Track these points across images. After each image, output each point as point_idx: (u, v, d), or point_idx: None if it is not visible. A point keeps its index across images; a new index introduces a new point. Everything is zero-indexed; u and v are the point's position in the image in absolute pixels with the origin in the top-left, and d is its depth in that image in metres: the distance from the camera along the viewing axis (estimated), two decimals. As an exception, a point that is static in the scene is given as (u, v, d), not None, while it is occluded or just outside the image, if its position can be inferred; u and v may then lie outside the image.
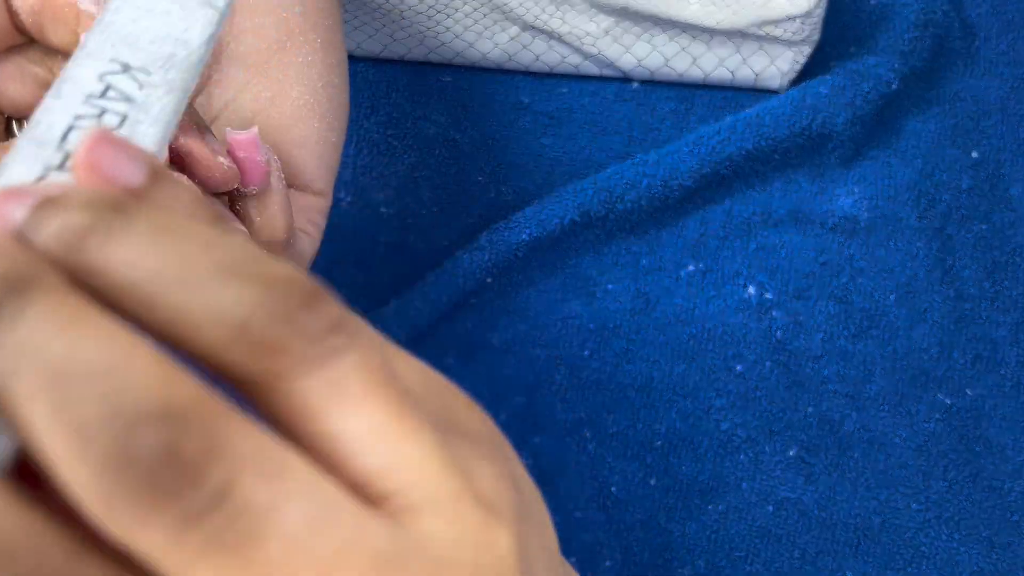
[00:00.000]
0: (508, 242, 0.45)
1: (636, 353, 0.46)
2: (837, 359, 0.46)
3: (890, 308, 0.46)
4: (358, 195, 0.48)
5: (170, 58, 0.22)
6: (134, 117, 0.21)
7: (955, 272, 0.47)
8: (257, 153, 0.31)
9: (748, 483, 0.44)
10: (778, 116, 0.47)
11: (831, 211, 0.48)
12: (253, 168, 0.31)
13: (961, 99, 0.50)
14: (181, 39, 0.23)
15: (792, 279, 0.47)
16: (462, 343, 0.46)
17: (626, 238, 0.47)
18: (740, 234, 0.47)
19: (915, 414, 0.45)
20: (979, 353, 0.46)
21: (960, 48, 0.51)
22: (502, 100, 0.50)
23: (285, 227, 0.32)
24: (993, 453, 0.45)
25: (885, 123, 0.49)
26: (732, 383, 0.45)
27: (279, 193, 0.31)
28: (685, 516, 0.44)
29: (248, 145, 0.30)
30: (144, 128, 0.21)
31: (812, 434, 0.45)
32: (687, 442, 0.45)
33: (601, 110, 0.50)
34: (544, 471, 0.44)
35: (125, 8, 0.23)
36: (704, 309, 0.46)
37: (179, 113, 0.22)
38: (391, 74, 0.50)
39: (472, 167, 0.49)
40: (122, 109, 0.21)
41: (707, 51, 0.48)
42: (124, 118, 0.21)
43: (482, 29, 0.48)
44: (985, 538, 0.43)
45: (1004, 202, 0.48)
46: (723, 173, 0.47)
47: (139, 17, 0.23)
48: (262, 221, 0.32)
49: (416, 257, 0.47)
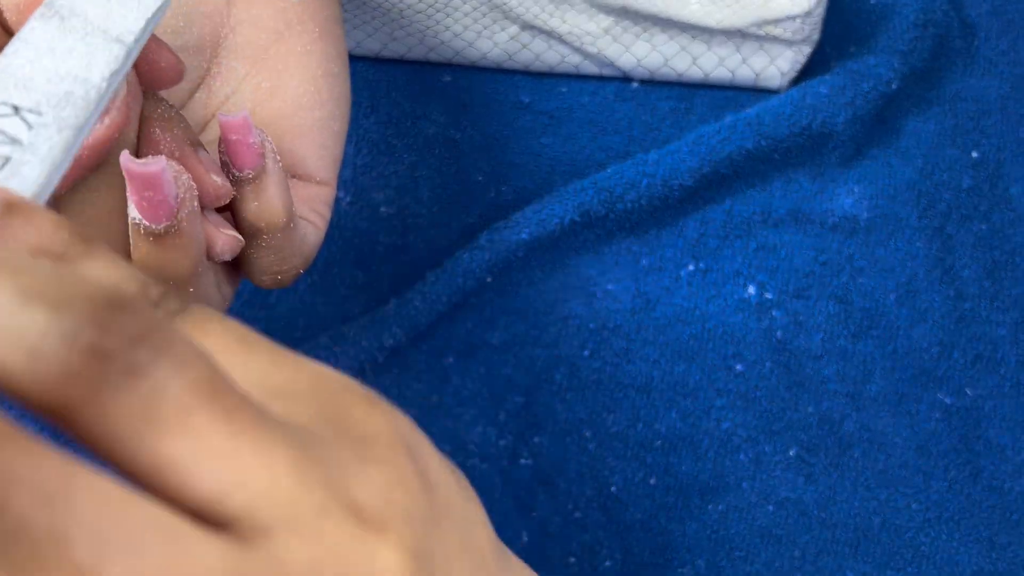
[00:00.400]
0: (508, 242, 0.45)
1: (636, 353, 0.46)
2: (837, 359, 0.46)
3: (890, 308, 0.46)
4: (358, 195, 0.48)
5: (66, 96, 0.23)
6: (18, 159, 0.21)
7: (955, 272, 0.47)
8: (249, 135, 0.30)
9: (748, 483, 0.44)
10: (778, 116, 0.47)
11: (831, 210, 0.48)
12: (246, 151, 0.30)
13: (961, 99, 0.50)
14: (80, 77, 0.23)
15: (792, 279, 0.47)
16: (462, 343, 0.46)
17: (626, 238, 0.47)
18: (740, 234, 0.47)
19: (915, 414, 0.45)
20: (979, 353, 0.46)
21: (960, 48, 0.51)
22: (502, 99, 0.50)
23: (284, 210, 0.32)
24: (993, 453, 0.45)
25: (885, 123, 0.49)
26: (732, 383, 0.45)
27: (275, 175, 0.31)
28: (685, 516, 0.44)
29: (239, 128, 0.30)
30: (28, 169, 0.21)
31: (812, 434, 0.45)
32: (687, 442, 0.45)
33: (601, 109, 0.50)
34: (544, 471, 0.44)
35: (23, 49, 0.23)
36: (704, 309, 0.46)
37: (73, 149, 0.22)
38: (391, 73, 0.50)
39: (472, 166, 0.49)
40: (6, 152, 0.21)
41: (707, 51, 0.48)
42: (7, 160, 0.21)
43: (482, 28, 0.48)
44: (985, 538, 0.43)
45: (1004, 202, 0.48)
46: (723, 172, 0.47)
47: (38, 57, 0.23)
48: (259, 205, 0.31)
49: (416, 257, 0.47)
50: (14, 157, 0.21)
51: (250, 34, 0.34)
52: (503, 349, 0.46)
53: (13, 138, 0.21)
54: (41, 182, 0.21)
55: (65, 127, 0.22)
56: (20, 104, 0.22)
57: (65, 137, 0.22)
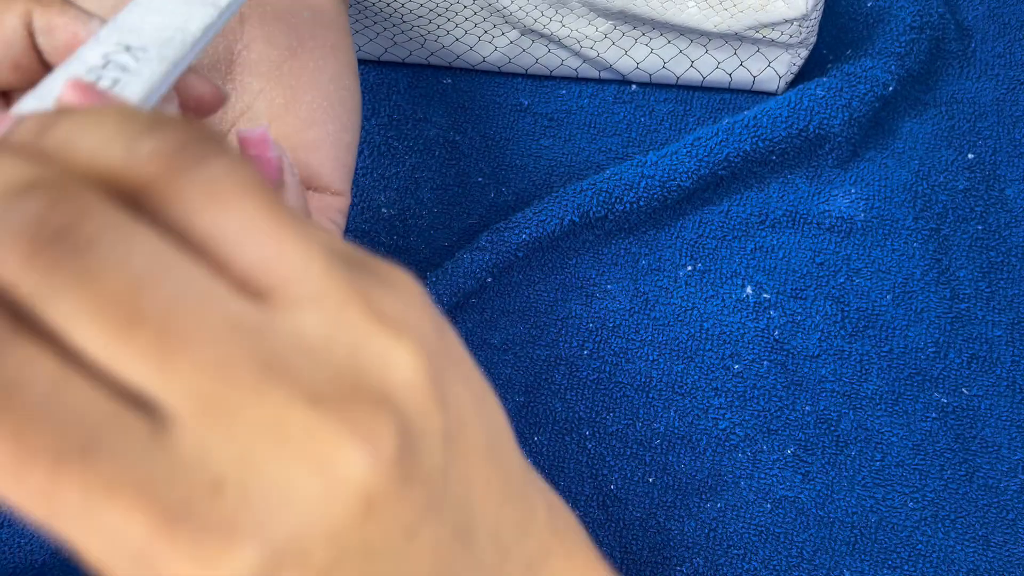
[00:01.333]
0: (508, 242, 0.46)
1: (635, 352, 0.46)
2: (834, 358, 0.46)
3: (886, 308, 0.47)
4: (360, 196, 0.48)
5: (169, 40, 0.27)
6: (125, 80, 0.26)
7: (951, 272, 0.47)
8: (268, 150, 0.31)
9: (746, 481, 0.44)
10: (775, 118, 0.47)
11: (828, 212, 0.48)
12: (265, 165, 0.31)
13: (957, 101, 0.50)
14: (181, 27, 0.28)
15: (789, 279, 0.47)
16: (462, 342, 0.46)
17: (625, 239, 0.47)
18: (738, 235, 0.48)
19: (911, 413, 0.45)
20: (975, 353, 0.46)
21: (956, 51, 0.51)
22: (502, 102, 0.50)
23: None
24: (989, 452, 0.45)
25: (881, 125, 0.49)
26: (730, 382, 0.45)
27: (293, 188, 0.32)
28: (684, 514, 0.44)
29: (259, 142, 0.31)
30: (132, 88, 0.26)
31: (809, 433, 0.45)
32: (685, 441, 0.45)
33: (600, 112, 0.50)
34: (544, 469, 0.44)
35: (136, 9, 0.28)
36: (702, 309, 0.47)
37: (170, 77, 0.27)
38: (392, 77, 0.51)
39: (472, 168, 0.49)
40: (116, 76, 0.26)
41: (705, 54, 0.48)
42: (117, 81, 0.26)
43: (482, 32, 0.48)
44: (981, 536, 0.43)
45: (1000, 203, 0.49)
46: (721, 174, 0.47)
47: (147, 14, 0.28)
48: None
49: (417, 257, 0.47)
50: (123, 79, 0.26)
51: (264, 51, 0.35)
52: (503, 349, 0.46)
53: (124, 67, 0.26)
54: (142, 96, 0.26)
55: (165, 60, 0.27)
56: (132, 44, 0.27)
57: (164, 67, 0.26)
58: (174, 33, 0.28)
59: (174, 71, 0.27)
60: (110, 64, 0.26)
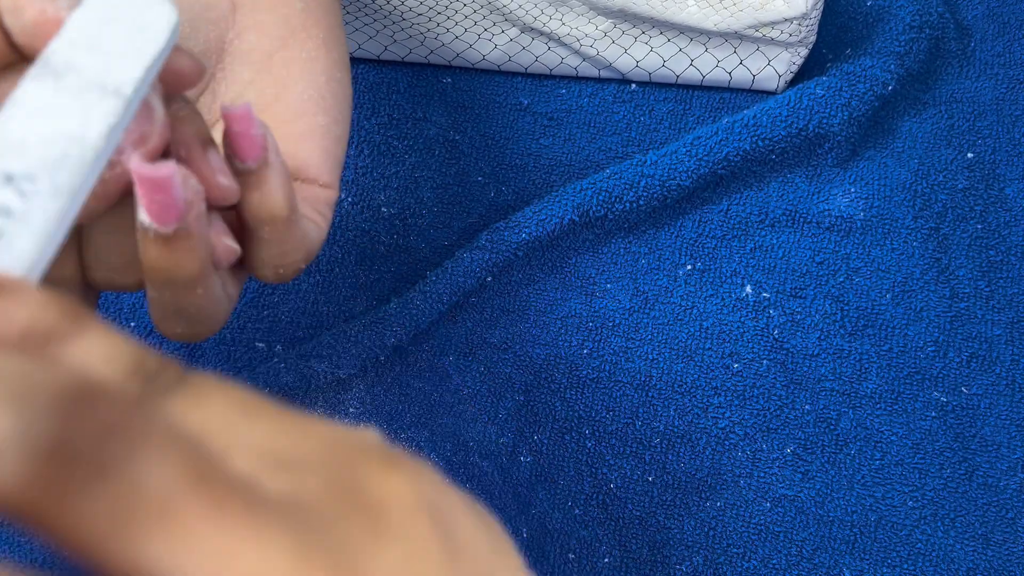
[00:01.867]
0: (508, 242, 0.46)
1: (635, 351, 0.46)
2: (833, 357, 0.46)
3: (886, 307, 0.47)
4: (359, 196, 0.48)
5: (61, 159, 0.22)
6: (11, 231, 0.21)
7: (951, 271, 0.47)
8: (252, 127, 0.30)
9: (745, 480, 0.44)
10: (775, 117, 0.47)
11: (827, 211, 0.48)
12: (248, 141, 0.30)
13: (956, 100, 0.50)
14: (76, 136, 0.22)
15: (789, 278, 0.47)
16: (462, 342, 0.46)
17: (625, 238, 0.47)
18: (737, 234, 0.48)
19: (911, 412, 0.45)
20: (974, 352, 0.46)
21: (955, 50, 0.51)
22: (502, 101, 0.50)
23: (285, 203, 0.32)
24: (988, 451, 0.45)
25: (881, 124, 0.49)
26: (729, 381, 0.45)
27: (277, 167, 0.31)
28: (683, 512, 0.44)
29: (242, 119, 0.30)
30: (21, 243, 0.20)
31: (809, 431, 0.45)
32: (685, 439, 0.45)
33: (600, 111, 0.50)
34: (543, 468, 0.44)
35: (17, 113, 0.22)
36: (702, 308, 0.47)
37: (69, 215, 0.21)
38: (391, 76, 0.51)
39: (472, 168, 0.49)
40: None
41: (704, 53, 0.48)
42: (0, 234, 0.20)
43: (482, 31, 0.48)
44: (980, 535, 0.44)
45: (999, 202, 0.49)
46: (720, 173, 0.47)
47: (31, 120, 0.22)
48: (261, 197, 0.31)
49: (417, 257, 0.48)
50: (7, 230, 0.20)
51: (255, 40, 0.35)
52: (503, 348, 0.46)
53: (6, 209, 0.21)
54: (34, 256, 0.21)
55: (60, 193, 0.21)
56: (13, 171, 0.21)
57: (60, 204, 0.21)
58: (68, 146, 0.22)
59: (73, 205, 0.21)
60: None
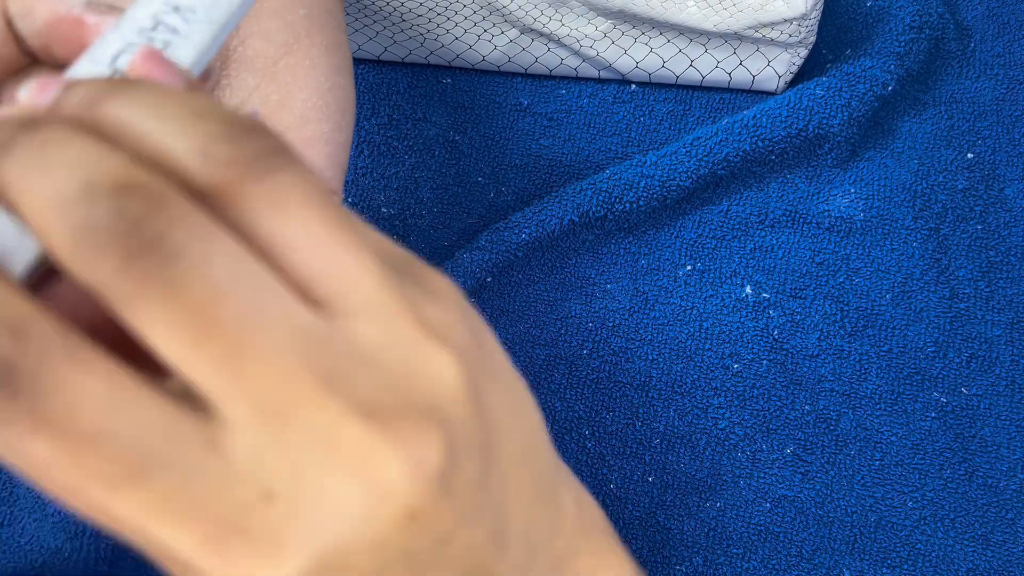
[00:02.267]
0: (508, 242, 0.46)
1: (634, 352, 0.46)
2: (833, 358, 0.46)
3: (886, 308, 0.47)
4: (359, 196, 0.48)
5: (216, 2, 0.28)
6: (175, 44, 0.27)
7: (950, 272, 0.47)
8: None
9: (745, 480, 0.44)
10: (774, 118, 0.47)
11: (827, 211, 0.48)
12: None
13: (956, 101, 0.50)
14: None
15: (788, 279, 0.47)
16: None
17: (624, 238, 0.48)
18: (737, 234, 0.48)
19: (911, 413, 0.45)
20: (974, 352, 0.46)
21: (955, 50, 0.51)
22: (502, 102, 0.50)
23: None
24: (988, 451, 0.45)
25: (881, 124, 0.49)
26: (729, 381, 0.46)
27: None
28: (683, 513, 0.44)
29: None
30: (181, 51, 0.26)
31: (809, 432, 0.45)
32: (685, 440, 0.45)
33: (599, 112, 0.50)
34: (543, 469, 0.44)
35: None
36: (702, 308, 0.47)
37: (218, 41, 0.27)
38: (391, 76, 0.51)
39: (472, 168, 0.49)
40: (167, 38, 0.27)
41: (704, 53, 0.48)
42: (167, 44, 0.26)
43: (482, 31, 0.48)
44: (980, 536, 0.44)
45: (999, 202, 0.49)
46: (720, 174, 0.47)
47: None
48: None
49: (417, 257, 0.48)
50: (173, 42, 0.27)
51: (260, 47, 0.35)
52: (503, 348, 0.46)
53: (174, 29, 0.27)
54: (191, 62, 0.27)
55: (213, 23, 0.27)
56: (180, 4, 0.27)
57: (213, 30, 0.27)
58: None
59: (221, 35, 0.28)
60: (160, 26, 0.27)
